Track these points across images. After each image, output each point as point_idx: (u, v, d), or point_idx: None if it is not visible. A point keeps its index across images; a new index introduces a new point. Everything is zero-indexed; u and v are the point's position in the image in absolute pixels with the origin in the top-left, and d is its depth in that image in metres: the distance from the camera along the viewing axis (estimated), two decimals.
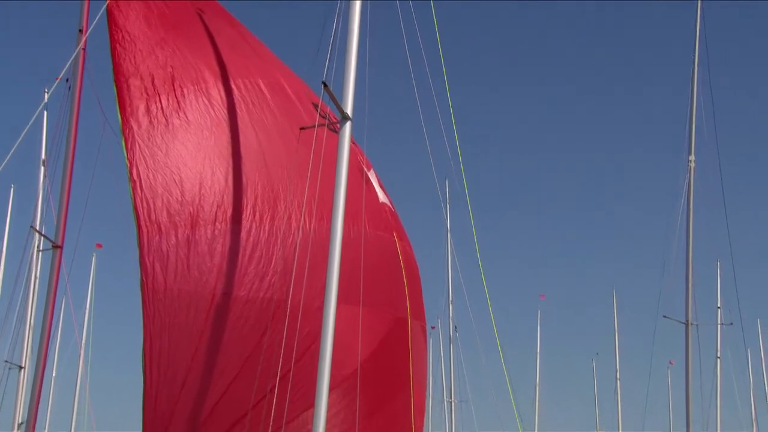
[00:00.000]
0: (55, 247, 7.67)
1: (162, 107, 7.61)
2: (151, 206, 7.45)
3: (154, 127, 7.56)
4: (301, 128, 7.63)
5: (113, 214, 7.67)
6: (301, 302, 7.08)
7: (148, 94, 7.57)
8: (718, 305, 30.40)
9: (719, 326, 29.27)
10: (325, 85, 6.38)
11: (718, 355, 29.51)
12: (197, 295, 7.53)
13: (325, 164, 6.76)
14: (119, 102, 7.47)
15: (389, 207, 8.56)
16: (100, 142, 8.04)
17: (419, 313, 8.33)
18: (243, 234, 7.72)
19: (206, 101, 7.83)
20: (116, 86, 7.52)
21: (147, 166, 7.49)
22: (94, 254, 21.95)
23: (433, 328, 30.73)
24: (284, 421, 6.75)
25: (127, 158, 7.39)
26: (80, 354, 19.02)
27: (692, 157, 17.86)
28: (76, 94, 7.78)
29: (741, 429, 33.08)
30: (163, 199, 7.51)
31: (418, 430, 7.90)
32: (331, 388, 6.04)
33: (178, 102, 7.69)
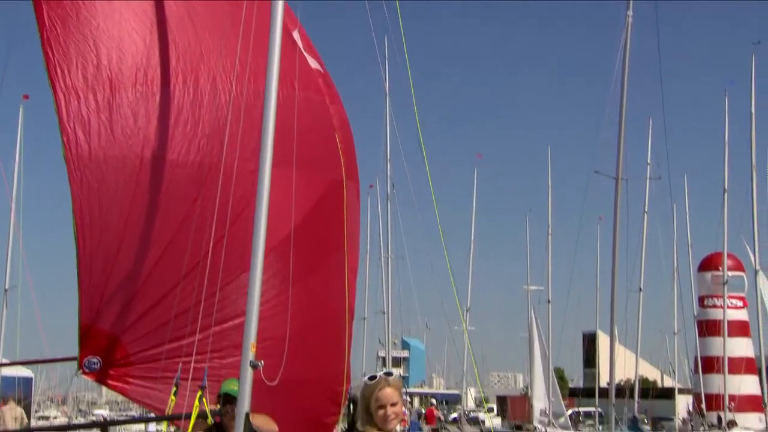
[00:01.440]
0: None
1: None
2: (65, 72, 7.21)
3: None
4: None
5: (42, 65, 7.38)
6: (235, 165, 7.02)
7: None
8: (648, 161, 31.35)
9: (648, 180, 30.34)
10: None
11: (646, 209, 30.68)
12: (124, 159, 7.42)
13: (251, 24, 6.52)
14: None
15: (319, 70, 8.35)
16: None
17: (353, 175, 8.30)
18: (166, 97, 7.53)
19: None
20: None
21: (58, 33, 7.18)
22: (22, 105, 21.36)
23: (371, 186, 31.01)
24: (218, 286, 6.78)
25: (38, 29, 7.08)
26: (11, 206, 18.75)
27: (630, 12, 17.75)
28: None
29: (663, 279, 34.80)
30: (77, 65, 7.26)
31: (352, 289, 8.06)
32: (266, 252, 6.05)
33: None
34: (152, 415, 8.15)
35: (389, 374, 4.41)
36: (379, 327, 31.94)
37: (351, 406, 19.16)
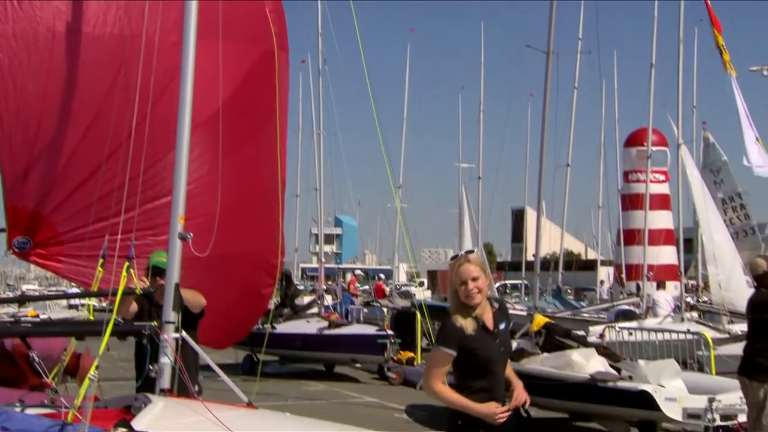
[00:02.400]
0: None
1: None
2: None
3: None
4: None
5: None
6: (156, 37, 6.75)
7: None
8: (579, 36, 31.41)
9: (578, 55, 30.49)
10: None
11: (576, 85, 30.94)
12: (35, 33, 7.06)
13: None
14: None
15: None
16: None
17: (284, 45, 8.07)
18: None
19: None
20: None
21: None
22: None
23: (302, 62, 30.38)
24: (147, 164, 6.64)
25: None
26: None
27: None
28: None
29: (590, 155, 35.56)
30: None
31: (283, 161, 7.99)
32: (194, 127, 5.91)
33: None
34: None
35: (470, 252, 4.41)
36: (311, 204, 32.11)
37: (284, 281, 19.28)
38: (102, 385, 4.98)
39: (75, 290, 19.59)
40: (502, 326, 4.36)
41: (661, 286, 20.86)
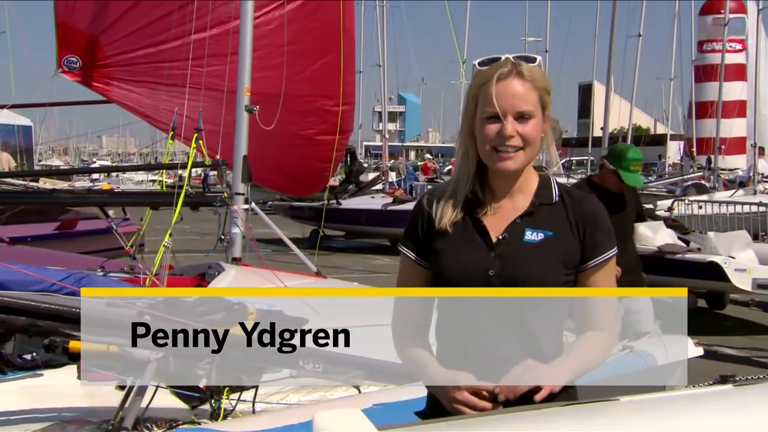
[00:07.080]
0: None
1: None
2: None
3: None
4: None
5: None
6: None
7: None
8: None
9: None
10: None
11: None
12: None
13: None
14: None
15: None
16: None
17: None
18: None
19: None
20: None
21: None
22: None
23: None
24: None
25: None
26: None
27: None
28: None
29: (663, 24, 34.06)
30: None
31: (350, 13, 7.67)
32: None
33: None
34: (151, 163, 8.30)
35: (526, 58, 2.01)
36: (374, 81, 31.75)
37: (348, 158, 19.27)
38: (177, 256, 5.15)
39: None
40: (530, 235, 2.01)
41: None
